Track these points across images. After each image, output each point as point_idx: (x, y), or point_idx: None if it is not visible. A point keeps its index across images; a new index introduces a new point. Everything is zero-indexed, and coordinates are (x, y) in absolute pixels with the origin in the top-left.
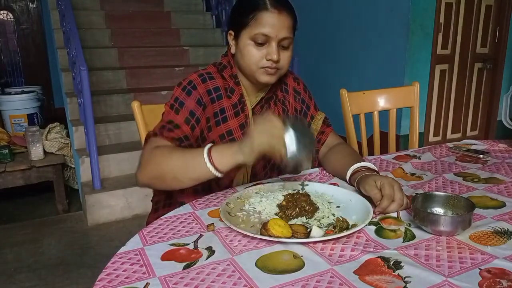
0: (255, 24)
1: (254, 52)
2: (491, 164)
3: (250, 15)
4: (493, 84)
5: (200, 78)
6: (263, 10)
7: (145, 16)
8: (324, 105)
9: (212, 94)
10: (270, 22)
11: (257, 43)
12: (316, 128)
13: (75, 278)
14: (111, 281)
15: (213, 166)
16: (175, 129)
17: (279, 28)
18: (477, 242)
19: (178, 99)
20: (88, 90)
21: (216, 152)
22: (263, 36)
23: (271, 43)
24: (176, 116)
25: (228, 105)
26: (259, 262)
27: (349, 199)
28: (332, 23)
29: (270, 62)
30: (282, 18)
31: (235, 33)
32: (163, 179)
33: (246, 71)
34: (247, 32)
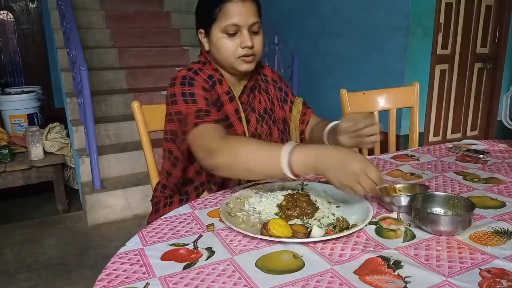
0: (223, 16)
1: (228, 43)
2: (491, 164)
3: (216, 9)
4: (493, 84)
5: (191, 71)
6: (227, 2)
7: (145, 16)
8: (324, 105)
9: (209, 82)
10: (236, 12)
11: (229, 34)
12: (298, 110)
13: (75, 278)
14: (111, 281)
15: (289, 169)
16: (209, 114)
17: (247, 15)
18: (477, 242)
19: (187, 92)
20: (88, 90)
21: (298, 155)
22: (233, 26)
23: (242, 31)
24: (197, 105)
25: (222, 91)
26: (259, 262)
27: (349, 199)
28: (332, 23)
29: (245, 49)
30: (246, 5)
31: (205, 30)
32: (235, 168)
33: (224, 63)
34: (217, 26)
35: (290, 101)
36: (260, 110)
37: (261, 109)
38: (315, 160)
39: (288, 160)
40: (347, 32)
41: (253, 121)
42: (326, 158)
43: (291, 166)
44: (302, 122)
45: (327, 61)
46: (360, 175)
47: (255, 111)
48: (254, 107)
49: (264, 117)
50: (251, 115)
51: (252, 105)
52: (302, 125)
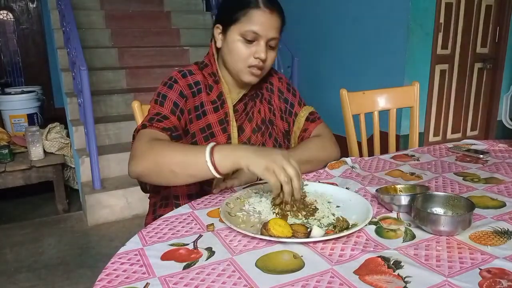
0: (246, 20)
1: (242, 48)
2: (491, 164)
3: (242, 11)
4: (493, 84)
5: (181, 73)
6: (255, 8)
7: (145, 16)
8: (324, 105)
9: (193, 88)
10: (261, 21)
11: (246, 40)
12: (299, 127)
13: (75, 278)
14: (111, 281)
15: (213, 166)
16: (164, 120)
17: (269, 27)
18: (477, 242)
19: (161, 93)
20: (88, 90)
21: (219, 153)
22: (253, 33)
23: (260, 42)
24: (162, 108)
25: (207, 100)
26: (259, 262)
27: (348, 199)
28: (332, 23)
29: (257, 60)
30: (273, 18)
31: (223, 27)
32: (159, 171)
33: (231, 67)
34: (237, 28)
35: (294, 114)
36: (258, 120)
37: (259, 119)
38: (237, 154)
39: (211, 159)
40: (347, 32)
41: (247, 131)
42: (247, 151)
43: (215, 165)
44: (301, 139)
45: (327, 61)
46: (284, 161)
47: (252, 120)
48: (252, 117)
49: (261, 128)
50: (247, 125)
51: (250, 114)
52: (300, 141)
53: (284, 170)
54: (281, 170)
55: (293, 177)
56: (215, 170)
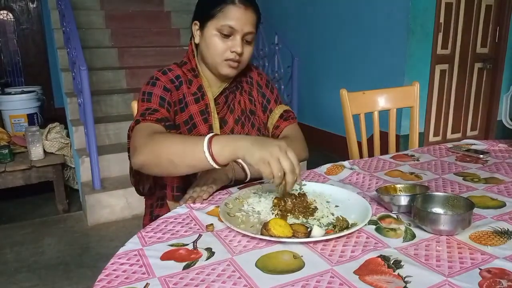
0: (222, 16)
1: (219, 43)
2: (491, 164)
3: (218, 7)
4: (493, 84)
5: (161, 71)
6: (230, 4)
7: (145, 16)
8: (324, 105)
9: (175, 82)
10: (236, 16)
11: (223, 35)
12: (272, 123)
13: (75, 278)
14: (111, 281)
15: (211, 156)
16: (155, 113)
17: (245, 22)
18: (477, 242)
19: (146, 92)
20: (88, 90)
21: (217, 142)
22: (229, 28)
23: (236, 36)
24: (150, 103)
25: (188, 92)
26: (259, 262)
27: (347, 199)
28: (332, 23)
29: (233, 54)
30: (248, 13)
31: (201, 23)
32: (159, 162)
33: (209, 61)
34: (214, 23)
35: (269, 110)
36: (239, 112)
37: (239, 110)
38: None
39: (209, 149)
40: (347, 32)
41: (230, 122)
42: (245, 141)
43: (213, 155)
44: (272, 135)
45: (327, 61)
46: (280, 153)
47: (233, 112)
48: (233, 108)
49: (240, 119)
50: (229, 116)
51: (231, 106)
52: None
53: (279, 162)
54: (276, 162)
55: (287, 171)
56: (213, 160)
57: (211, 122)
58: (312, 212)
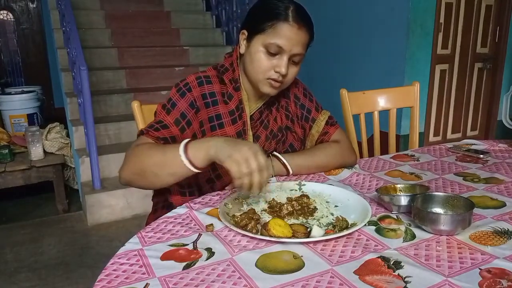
0: (272, 32)
1: (264, 60)
2: (491, 164)
3: (269, 22)
4: (493, 84)
5: (197, 81)
6: (283, 21)
7: (145, 16)
8: (324, 105)
9: (207, 99)
10: (287, 35)
11: (269, 52)
12: (318, 130)
13: (75, 278)
14: (110, 281)
15: (188, 160)
16: (162, 129)
17: (295, 43)
18: (477, 242)
19: (171, 100)
20: (88, 90)
21: (192, 146)
22: (277, 47)
23: (283, 56)
24: (166, 116)
25: (225, 111)
26: (259, 262)
27: (346, 199)
28: (332, 23)
29: (277, 74)
30: (300, 33)
31: (249, 34)
32: (143, 175)
33: (251, 77)
34: (262, 39)
35: (311, 119)
36: (274, 128)
37: (275, 127)
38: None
39: (185, 154)
40: (347, 32)
41: (262, 138)
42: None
43: (190, 159)
44: (320, 142)
45: (327, 61)
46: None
47: (267, 128)
48: (267, 124)
49: (276, 135)
50: (262, 132)
51: (265, 122)
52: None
53: (247, 162)
54: (244, 161)
55: (253, 171)
56: (190, 164)
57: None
58: (312, 212)
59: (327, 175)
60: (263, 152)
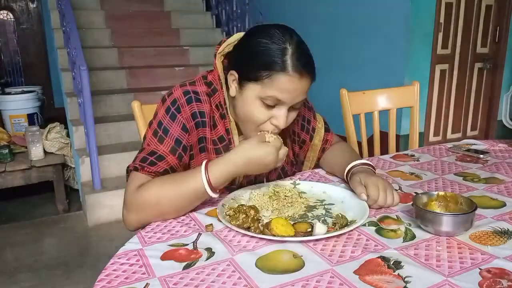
0: (269, 84)
1: (259, 112)
2: (491, 164)
3: (265, 72)
4: (493, 84)
5: (186, 97)
6: (282, 72)
7: (145, 16)
8: (324, 105)
9: (198, 118)
10: (288, 88)
11: (266, 104)
12: (320, 138)
13: (75, 278)
14: (110, 281)
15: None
16: (159, 162)
17: (298, 94)
18: (477, 242)
19: (162, 125)
20: (88, 90)
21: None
22: (276, 100)
23: (282, 108)
24: (160, 145)
25: (210, 138)
26: (259, 262)
27: (343, 196)
28: (332, 23)
29: (273, 127)
30: (302, 82)
31: (240, 78)
32: (164, 215)
33: (241, 122)
34: (257, 89)
35: (312, 129)
36: None
37: None
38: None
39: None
40: (347, 32)
41: None
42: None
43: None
44: (322, 151)
45: (327, 61)
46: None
47: None
48: None
49: None
50: None
51: None
52: (321, 153)
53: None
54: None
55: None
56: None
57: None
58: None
59: (327, 175)
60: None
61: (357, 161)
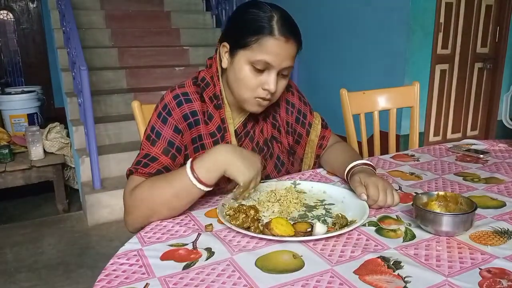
0: (258, 48)
1: (250, 78)
2: (491, 164)
3: (253, 37)
4: (493, 84)
5: (175, 101)
6: (268, 36)
7: (145, 16)
8: (324, 105)
9: (189, 119)
10: (275, 51)
11: (256, 69)
12: (316, 134)
13: (75, 278)
14: (110, 281)
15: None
16: (152, 163)
17: (284, 57)
18: (477, 242)
19: (155, 129)
20: (88, 90)
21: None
22: (265, 63)
23: (271, 72)
24: (152, 148)
25: (206, 133)
26: (258, 262)
27: (342, 196)
28: (332, 23)
29: (265, 92)
30: (288, 46)
31: (231, 48)
32: (157, 214)
33: (235, 94)
34: (246, 55)
35: (308, 124)
36: (260, 141)
37: (261, 139)
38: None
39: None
40: (347, 32)
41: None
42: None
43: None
44: (319, 147)
45: (327, 61)
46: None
47: (253, 140)
48: (253, 136)
49: (262, 149)
50: (248, 145)
51: (251, 134)
52: (319, 150)
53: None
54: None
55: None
56: (203, 186)
57: None
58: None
59: (327, 175)
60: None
61: (357, 161)
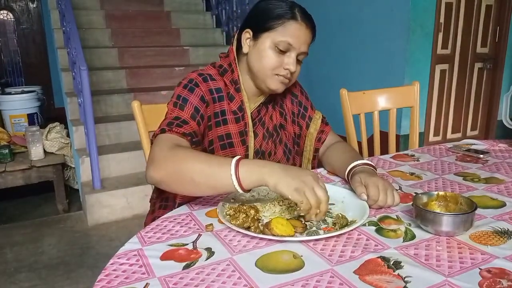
0: (282, 30)
1: (273, 57)
2: (491, 164)
3: (279, 20)
4: (493, 84)
5: (201, 77)
6: (293, 20)
7: (145, 16)
8: (324, 105)
9: (214, 94)
10: (297, 34)
11: (279, 50)
12: (316, 128)
13: (75, 278)
14: (110, 281)
15: (237, 180)
16: (184, 125)
17: (303, 41)
18: (477, 242)
19: (181, 96)
20: (88, 90)
21: (245, 167)
22: (287, 44)
23: (291, 54)
24: (182, 112)
25: (229, 109)
26: (259, 262)
27: (342, 196)
28: (332, 23)
29: (286, 71)
30: (307, 32)
31: (254, 33)
32: (181, 180)
33: (257, 74)
34: (271, 36)
35: (308, 117)
36: (270, 127)
37: (271, 125)
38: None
39: (236, 172)
40: (347, 32)
41: (260, 136)
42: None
43: (239, 179)
44: (318, 141)
45: (327, 61)
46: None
47: (264, 126)
48: (264, 122)
49: (272, 134)
50: (259, 130)
51: (263, 120)
52: (318, 143)
53: (314, 193)
54: (311, 192)
55: (322, 201)
56: (238, 185)
57: (248, 143)
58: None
59: (327, 175)
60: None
61: (358, 161)
